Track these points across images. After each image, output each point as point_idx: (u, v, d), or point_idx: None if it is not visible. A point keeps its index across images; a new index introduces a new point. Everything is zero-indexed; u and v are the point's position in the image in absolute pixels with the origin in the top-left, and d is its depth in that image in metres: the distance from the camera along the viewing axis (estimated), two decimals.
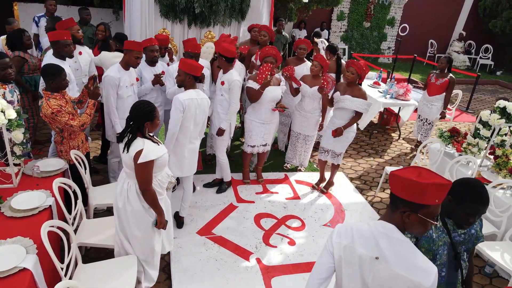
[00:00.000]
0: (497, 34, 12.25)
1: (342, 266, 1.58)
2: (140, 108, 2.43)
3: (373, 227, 1.52)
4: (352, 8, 11.46)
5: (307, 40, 4.79)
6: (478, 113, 8.25)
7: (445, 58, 5.37)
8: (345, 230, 1.58)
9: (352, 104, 3.98)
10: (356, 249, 1.52)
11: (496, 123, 3.83)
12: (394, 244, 1.46)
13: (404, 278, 1.42)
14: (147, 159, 2.36)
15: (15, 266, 2.06)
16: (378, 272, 1.48)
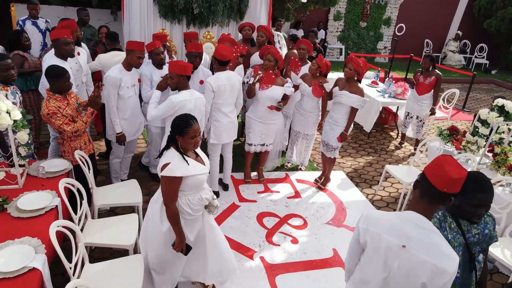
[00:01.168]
0: (492, 34, 12.37)
1: (367, 251, 1.69)
2: (175, 120, 2.35)
3: (402, 217, 1.61)
4: (348, 8, 11.52)
5: (307, 40, 4.82)
6: (474, 112, 8.36)
7: (427, 58, 5.46)
8: (373, 217, 1.69)
9: (348, 99, 4.05)
10: (382, 236, 1.62)
11: (494, 121, 3.89)
12: (422, 233, 1.56)
13: (429, 264, 1.52)
14: (171, 174, 2.27)
15: (25, 266, 2.07)
16: (405, 259, 1.57)
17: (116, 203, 3.29)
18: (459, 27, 13.10)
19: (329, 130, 4.36)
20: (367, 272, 1.73)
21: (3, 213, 2.51)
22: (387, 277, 1.65)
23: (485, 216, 2.02)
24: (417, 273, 1.55)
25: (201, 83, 3.92)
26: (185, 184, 2.35)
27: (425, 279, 1.54)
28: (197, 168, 2.39)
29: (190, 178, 2.34)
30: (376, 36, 12.18)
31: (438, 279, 1.52)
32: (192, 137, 2.31)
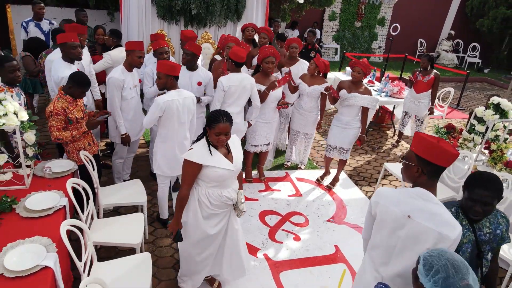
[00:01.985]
0: (484, 33, 12.55)
1: (377, 221, 1.92)
2: (210, 113, 2.43)
3: (410, 191, 1.83)
4: (343, 8, 11.63)
5: (298, 39, 4.88)
6: (468, 110, 8.49)
7: (426, 57, 5.53)
8: (383, 192, 1.91)
9: (362, 101, 4.12)
10: (390, 208, 1.83)
11: (490, 119, 3.97)
12: (426, 205, 1.75)
13: (433, 232, 1.70)
14: (189, 157, 2.36)
15: (37, 264, 2.10)
16: (411, 227, 1.77)
17: (121, 202, 3.32)
18: (452, 26, 13.27)
19: (339, 134, 4.40)
20: (377, 239, 1.96)
21: (11, 213, 2.53)
22: (395, 244, 1.84)
23: (498, 217, 2.07)
24: (422, 239, 1.73)
25: (199, 85, 3.95)
26: (204, 174, 2.41)
27: (430, 245, 1.71)
28: (219, 161, 2.41)
29: (210, 169, 2.38)
30: (370, 36, 12.30)
31: (441, 245, 1.68)
32: (217, 134, 2.35)
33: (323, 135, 6.29)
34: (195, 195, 2.51)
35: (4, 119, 2.55)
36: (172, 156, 3.40)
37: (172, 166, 3.45)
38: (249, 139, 4.44)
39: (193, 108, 3.40)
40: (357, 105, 4.22)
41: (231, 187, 2.54)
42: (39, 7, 5.40)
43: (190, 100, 3.33)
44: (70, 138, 3.12)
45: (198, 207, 2.52)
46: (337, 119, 4.45)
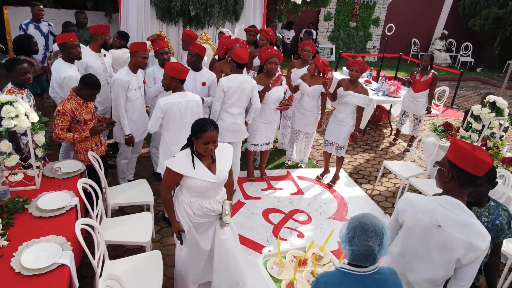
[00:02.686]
0: (476, 32, 12.75)
1: (405, 229, 1.90)
2: (195, 122, 2.37)
3: (439, 200, 1.80)
4: (338, 9, 11.74)
5: (311, 42, 4.97)
6: (462, 109, 8.63)
7: (428, 56, 5.64)
8: (411, 200, 1.88)
9: (355, 99, 4.22)
10: (419, 217, 1.82)
11: (486, 117, 4.08)
12: (457, 214, 1.75)
13: (463, 242, 1.72)
14: (169, 165, 2.35)
15: (54, 262, 2.15)
16: (440, 236, 1.76)
17: (129, 202, 3.37)
18: (445, 26, 13.45)
19: (335, 130, 4.52)
20: (404, 246, 1.94)
21: (24, 213, 2.56)
22: (423, 252, 1.84)
23: (499, 209, 2.17)
24: (451, 248, 1.75)
25: (203, 85, 4.00)
26: (185, 184, 2.40)
27: (459, 255, 1.73)
28: (200, 173, 2.36)
29: (190, 179, 2.36)
30: (365, 36, 12.44)
31: (471, 254, 1.72)
32: (205, 143, 2.30)
33: (321, 134, 6.37)
34: (181, 202, 2.50)
35: (15, 121, 2.59)
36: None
37: None
38: (249, 138, 4.50)
39: (198, 111, 3.38)
40: (351, 103, 4.31)
41: (214, 198, 2.49)
42: (38, 9, 5.41)
43: (194, 103, 3.32)
44: (71, 140, 3.16)
45: (186, 216, 2.51)
46: (334, 116, 4.57)
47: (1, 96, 2.60)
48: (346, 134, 4.48)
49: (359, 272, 1.57)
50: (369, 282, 1.57)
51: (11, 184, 2.72)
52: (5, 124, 2.57)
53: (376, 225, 1.55)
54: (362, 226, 1.54)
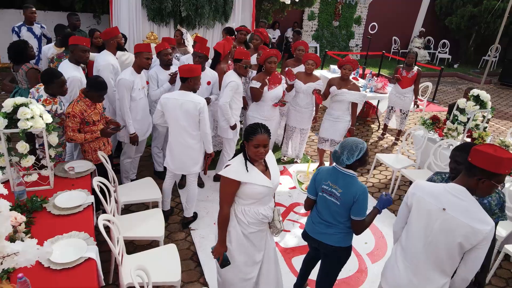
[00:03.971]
0: (452, 30, 13.26)
1: (412, 213, 2.02)
2: (247, 126, 2.32)
3: (447, 187, 1.92)
4: (321, 8, 12.00)
5: (304, 41, 5.15)
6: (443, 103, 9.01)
7: (413, 54, 5.93)
8: (420, 185, 2.02)
9: (351, 97, 4.43)
10: (426, 200, 1.95)
11: (471, 110, 4.35)
12: (461, 201, 1.86)
13: (466, 226, 1.81)
14: (226, 174, 2.26)
15: (81, 256, 2.23)
16: (444, 220, 1.88)
17: (138, 199, 3.46)
18: (423, 24, 13.93)
19: (330, 127, 4.72)
20: (411, 232, 2.05)
21: (42, 212, 2.62)
22: (429, 236, 1.95)
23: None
24: (454, 233, 1.85)
25: (208, 84, 4.12)
26: (242, 191, 2.30)
27: (461, 239, 1.83)
28: (257, 178, 2.30)
29: (248, 186, 2.27)
30: (348, 35, 12.75)
31: (473, 239, 1.81)
32: (256, 146, 2.23)
33: (313, 130, 6.56)
34: (232, 214, 2.39)
35: (31, 122, 2.65)
36: (176, 154, 3.55)
37: (176, 164, 3.60)
38: None
39: (194, 113, 3.31)
40: (346, 100, 4.52)
41: (268, 204, 2.43)
42: (31, 11, 5.38)
43: (191, 105, 3.28)
44: (83, 140, 3.23)
45: (238, 226, 2.39)
46: (328, 113, 4.75)
47: (16, 99, 2.65)
48: (343, 130, 4.68)
49: (340, 169, 2.44)
50: (341, 177, 2.43)
51: (27, 184, 2.77)
52: (21, 126, 2.62)
53: (353, 144, 2.37)
54: (342, 142, 2.43)
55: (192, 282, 3.15)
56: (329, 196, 2.48)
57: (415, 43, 13.80)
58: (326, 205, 2.50)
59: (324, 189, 2.50)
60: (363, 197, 2.38)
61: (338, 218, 2.48)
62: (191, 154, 3.52)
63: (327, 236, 2.53)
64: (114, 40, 4.03)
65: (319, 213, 2.59)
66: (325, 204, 2.51)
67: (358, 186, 2.39)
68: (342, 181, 2.42)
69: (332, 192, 2.46)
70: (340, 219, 2.48)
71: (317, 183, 2.56)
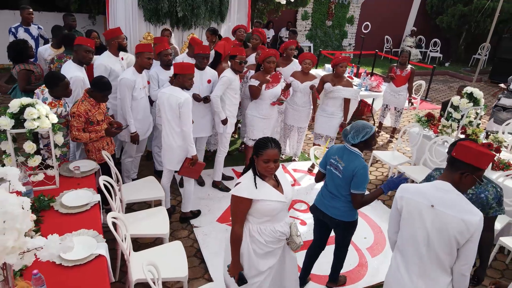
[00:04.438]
0: (443, 29, 13.47)
1: (403, 216, 2.04)
2: (256, 141, 2.22)
3: (432, 184, 1.98)
4: (315, 8, 12.11)
5: (294, 40, 5.21)
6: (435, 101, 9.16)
7: (407, 53, 6.05)
8: (406, 187, 2.06)
9: (346, 93, 4.53)
10: (414, 199, 1.98)
11: (465, 107, 4.47)
12: (448, 196, 1.90)
13: (456, 219, 1.85)
14: (237, 193, 2.16)
15: (92, 253, 2.27)
16: (435, 216, 1.91)
17: (143, 198, 3.51)
18: (415, 23, 14.12)
19: (325, 123, 4.82)
20: (405, 235, 2.05)
21: (50, 210, 2.66)
22: (425, 237, 1.96)
23: (488, 186, 2.38)
24: (447, 228, 1.87)
25: (209, 82, 4.17)
26: (255, 209, 2.19)
27: (456, 233, 1.85)
28: (269, 193, 2.19)
29: (261, 203, 2.17)
30: (341, 34, 12.88)
31: (466, 232, 1.83)
32: (265, 161, 2.13)
33: (309, 128, 6.64)
34: (246, 233, 2.26)
35: (37, 122, 2.68)
36: (165, 150, 3.65)
37: (165, 159, 3.70)
38: (248, 133, 4.70)
39: (175, 108, 3.33)
40: (341, 97, 4.61)
41: (283, 220, 2.33)
42: (28, 12, 5.37)
43: (174, 99, 3.33)
44: (87, 139, 3.27)
45: (250, 246, 2.27)
46: (322, 110, 4.85)
47: (22, 99, 2.68)
48: (338, 126, 4.80)
49: (348, 147, 2.68)
50: (346, 153, 2.68)
51: (33, 184, 2.80)
52: (27, 126, 2.65)
53: (361, 126, 2.61)
54: (353, 123, 2.69)
55: (197, 278, 3.20)
56: (334, 169, 2.75)
57: (407, 42, 13.98)
58: (332, 178, 2.78)
59: (331, 163, 2.77)
60: (362, 172, 2.59)
61: (341, 191, 2.73)
62: (175, 150, 3.56)
63: (332, 210, 2.79)
64: (115, 41, 4.05)
65: (327, 185, 2.85)
66: (331, 177, 2.79)
67: (359, 162, 2.62)
68: (347, 157, 2.68)
69: (337, 166, 2.72)
70: (342, 192, 2.73)
71: (327, 158, 2.82)
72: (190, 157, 3.53)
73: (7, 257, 1.49)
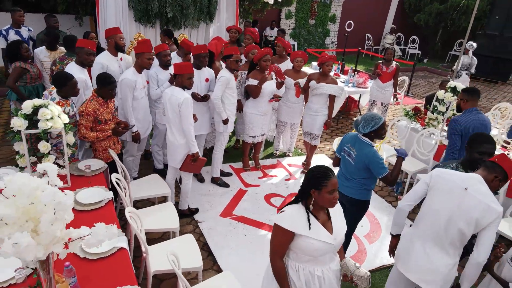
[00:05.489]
0: (421, 27, 13.94)
1: (433, 192, 2.26)
2: (312, 172, 2.01)
3: (468, 174, 2.25)
4: (298, 7, 12.33)
5: (281, 38, 5.39)
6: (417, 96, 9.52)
7: (392, 50, 6.31)
8: (445, 170, 2.29)
9: (330, 89, 4.68)
10: (452, 180, 2.21)
11: (450, 100, 4.74)
12: (481, 186, 2.16)
13: (483, 203, 2.11)
14: (279, 222, 1.97)
15: (114, 246, 2.37)
16: (465, 197, 2.15)
17: (150, 195, 3.60)
18: (393, 21, 14.55)
19: (311, 121, 4.96)
20: (428, 208, 2.28)
21: None
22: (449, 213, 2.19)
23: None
24: (474, 209, 2.12)
25: (207, 81, 4.29)
26: (296, 245, 1.99)
27: (479, 215, 2.11)
28: (316, 231, 1.96)
29: (303, 239, 1.96)
30: (324, 32, 13.15)
31: (488, 217, 2.09)
32: (331, 192, 1.93)
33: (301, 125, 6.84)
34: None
35: (50, 122, 2.74)
36: (170, 148, 3.75)
37: (170, 156, 3.80)
38: (247, 130, 4.83)
39: (175, 108, 3.44)
40: (325, 93, 4.78)
41: (328, 265, 2.07)
42: (20, 14, 5.33)
43: (174, 99, 3.44)
44: (95, 138, 3.34)
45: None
46: (308, 107, 5.01)
47: (34, 100, 2.74)
48: (322, 124, 4.93)
49: (360, 136, 2.90)
50: (358, 142, 2.90)
51: None
52: (41, 126, 2.71)
53: (371, 116, 2.84)
54: (363, 115, 2.89)
55: (207, 270, 3.33)
56: (347, 156, 3.02)
57: (386, 39, 14.38)
58: (345, 163, 3.07)
59: (345, 150, 3.04)
60: (373, 159, 2.81)
61: (353, 176, 2.99)
62: (177, 148, 3.67)
63: (346, 188, 3.03)
64: (111, 39, 4.12)
65: (341, 168, 3.14)
66: (344, 162, 3.08)
67: (368, 150, 2.84)
68: (358, 145, 2.91)
69: (350, 153, 2.98)
70: (354, 176, 2.99)
71: (342, 145, 3.09)
72: (191, 154, 3.64)
73: (54, 247, 1.59)
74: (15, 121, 2.66)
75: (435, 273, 2.30)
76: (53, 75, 3.34)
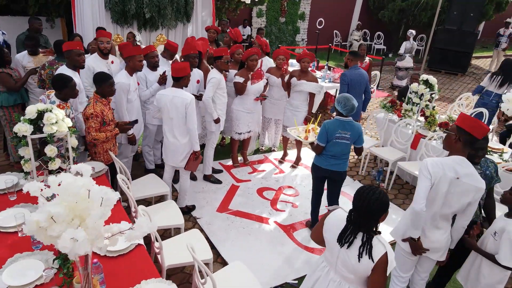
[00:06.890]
0: (385, 23, 14.55)
1: (437, 186, 2.39)
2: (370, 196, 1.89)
3: (452, 159, 2.40)
4: (268, 6, 12.53)
5: (258, 36, 5.58)
6: (386, 90, 10.01)
7: (365, 46, 6.65)
8: (436, 162, 2.40)
9: (309, 87, 4.89)
10: (446, 173, 2.37)
11: (424, 92, 5.10)
12: (464, 168, 2.36)
13: (473, 187, 2.34)
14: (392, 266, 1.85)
15: (132, 243, 2.45)
16: (458, 186, 2.37)
17: (150, 194, 3.67)
18: (359, 18, 15.09)
19: (292, 116, 5.14)
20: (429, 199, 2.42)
21: None
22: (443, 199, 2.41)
23: (488, 162, 2.87)
24: (467, 194, 2.36)
25: (198, 82, 4.39)
26: None
27: (471, 198, 2.36)
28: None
29: None
30: (294, 30, 13.45)
31: (477, 196, 2.36)
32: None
33: None
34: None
35: (55, 126, 2.77)
36: (168, 148, 3.83)
37: (168, 157, 3.88)
38: (234, 127, 4.97)
39: (181, 108, 3.54)
40: (305, 90, 5.00)
41: None
42: None
43: (178, 100, 3.54)
44: (104, 138, 3.39)
45: None
46: (289, 103, 5.20)
47: (38, 105, 2.76)
48: (302, 119, 5.11)
49: (344, 119, 3.41)
50: (347, 124, 3.41)
51: None
52: (46, 130, 2.74)
53: (346, 98, 3.33)
54: (347, 97, 3.34)
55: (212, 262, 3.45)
56: (341, 140, 3.46)
57: (354, 36, 14.90)
58: (339, 146, 3.49)
59: (337, 137, 3.44)
60: (361, 131, 3.51)
61: (346, 154, 3.57)
62: (179, 148, 3.77)
63: (337, 166, 3.58)
64: (96, 42, 4.13)
65: (330, 151, 3.53)
66: (336, 146, 3.49)
67: (357, 125, 3.47)
68: (349, 126, 3.44)
69: (344, 136, 3.45)
70: (346, 153, 3.57)
71: (329, 135, 3.45)
72: (194, 152, 3.74)
73: (97, 241, 1.68)
74: (20, 127, 2.67)
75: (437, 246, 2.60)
76: (52, 78, 3.33)
